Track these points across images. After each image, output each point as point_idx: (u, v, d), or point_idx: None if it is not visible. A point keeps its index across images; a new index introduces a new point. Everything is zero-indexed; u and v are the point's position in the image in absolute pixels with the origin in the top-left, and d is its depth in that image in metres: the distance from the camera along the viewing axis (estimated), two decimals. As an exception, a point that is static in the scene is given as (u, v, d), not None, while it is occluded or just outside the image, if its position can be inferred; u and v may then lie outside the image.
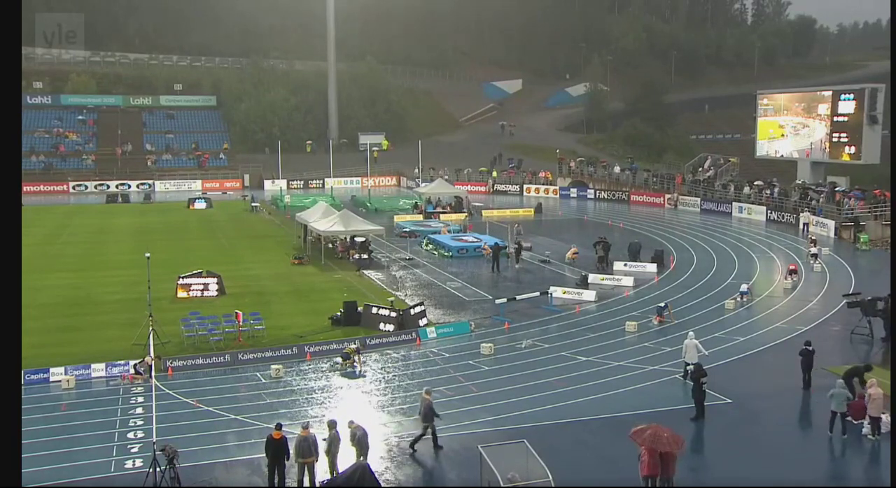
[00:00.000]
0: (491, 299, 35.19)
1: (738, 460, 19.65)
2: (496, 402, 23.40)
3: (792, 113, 65.51)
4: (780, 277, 39.74)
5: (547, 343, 29.23)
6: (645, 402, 23.22)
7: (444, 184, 66.54)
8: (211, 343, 28.54)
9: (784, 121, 66.41)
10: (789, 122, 65.88)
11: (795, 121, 65.17)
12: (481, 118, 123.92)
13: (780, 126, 67.19)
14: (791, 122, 65.78)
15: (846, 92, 60.67)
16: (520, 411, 22.62)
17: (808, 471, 19.35)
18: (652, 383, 25.06)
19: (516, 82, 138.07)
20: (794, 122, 65.40)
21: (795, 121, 65.17)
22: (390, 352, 28.43)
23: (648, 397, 23.75)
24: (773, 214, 58.19)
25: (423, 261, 44.77)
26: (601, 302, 35.46)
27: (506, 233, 47.76)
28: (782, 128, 66.90)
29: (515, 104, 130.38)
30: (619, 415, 22.11)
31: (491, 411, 22.73)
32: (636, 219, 61.45)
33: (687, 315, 32.91)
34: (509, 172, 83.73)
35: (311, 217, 47.25)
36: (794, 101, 65.69)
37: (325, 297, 35.56)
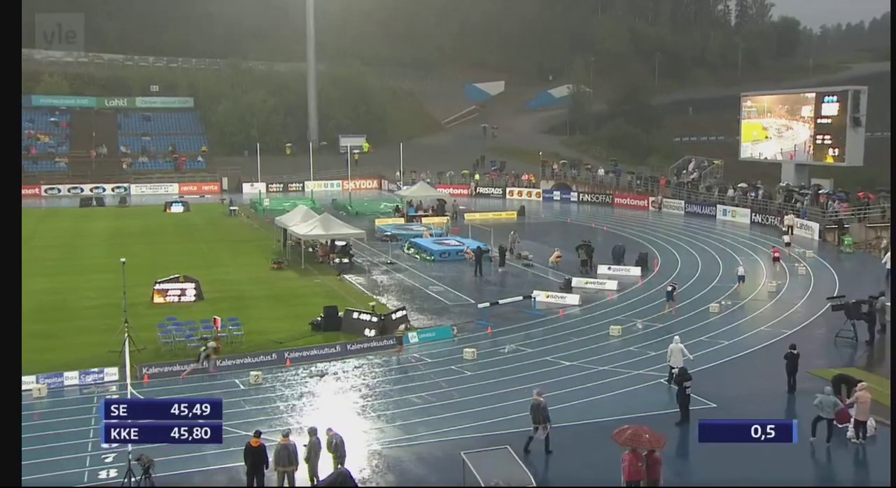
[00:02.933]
0: (473, 303, 35.20)
1: (722, 464, 19.72)
2: (479, 408, 23.39)
3: (776, 115, 65.89)
4: (764, 280, 40.00)
5: (530, 347, 29.27)
6: (629, 407, 23.28)
7: (425, 187, 66.50)
8: (188, 349, 28.38)
9: (768, 123, 66.80)
10: (773, 124, 66.26)
11: (779, 123, 65.53)
12: (463, 120, 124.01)
13: (763, 128, 67.57)
14: (775, 125, 66.16)
15: (829, 94, 61.01)
16: (503, 417, 22.62)
17: (793, 474, 19.45)
18: (636, 387, 25.14)
19: (499, 84, 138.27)
20: (777, 124, 65.79)
21: (779, 123, 65.53)
22: (371, 358, 28.38)
23: (633, 402, 23.81)
24: (758, 217, 58.57)
25: (405, 266, 44.72)
26: (585, 306, 35.54)
27: (488, 237, 47.80)
28: (766, 130, 67.30)
29: (498, 106, 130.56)
30: (604, 420, 22.14)
31: (474, 417, 22.72)
32: (620, 221, 61.65)
33: (671, 318, 33.06)
34: (492, 175, 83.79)
35: (290, 221, 47.10)
36: (777, 103, 66.10)
37: (305, 302, 35.44)
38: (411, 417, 22.88)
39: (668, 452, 19.08)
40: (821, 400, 21.15)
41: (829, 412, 20.98)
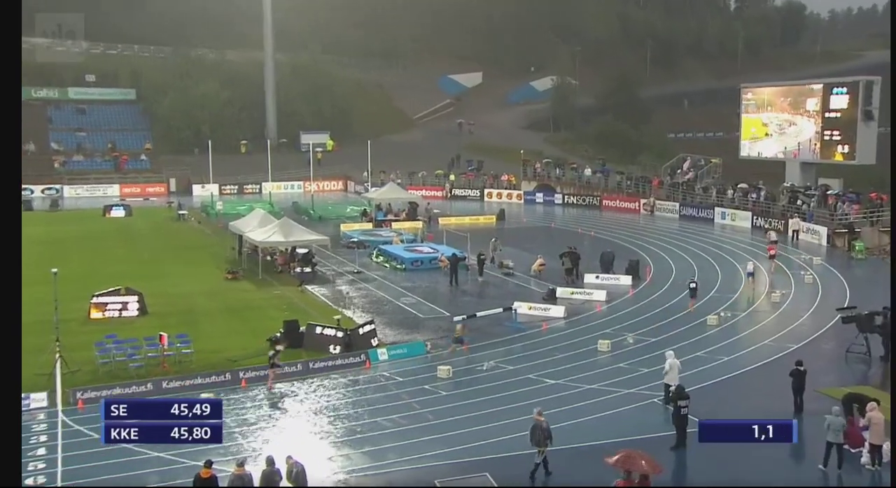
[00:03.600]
0: (449, 316, 35.19)
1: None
2: (455, 431, 23.36)
3: (777, 109, 66.33)
4: (766, 289, 40.30)
5: (511, 364, 29.28)
6: (620, 429, 23.33)
7: (396, 189, 66.42)
8: (130, 370, 28.09)
9: (768, 118, 67.23)
10: (774, 119, 66.71)
11: (781, 118, 65.99)
12: (437, 115, 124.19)
13: (763, 124, 67.98)
14: (776, 120, 66.60)
15: (839, 85, 61.35)
16: (481, 441, 22.60)
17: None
18: (628, 408, 25.20)
19: (476, 75, 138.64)
20: (779, 119, 66.23)
21: (781, 118, 65.99)
22: (336, 377, 28.27)
23: (624, 423, 23.87)
24: (760, 220, 58.98)
25: (374, 275, 44.66)
26: (571, 318, 35.63)
27: (465, 243, 47.82)
28: (766, 126, 67.71)
29: (475, 100, 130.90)
30: (592, 444, 22.18)
31: (449, 441, 22.68)
32: (608, 226, 61.92)
33: (665, 332, 33.21)
34: (468, 175, 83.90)
35: (246, 226, 46.87)
36: (778, 95, 66.62)
37: (262, 316, 35.28)
38: (381, 442, 22.79)
39: (665, 479, 19.14)
40: (829, 422, 21.00)
41: (839, 435, 20.90)
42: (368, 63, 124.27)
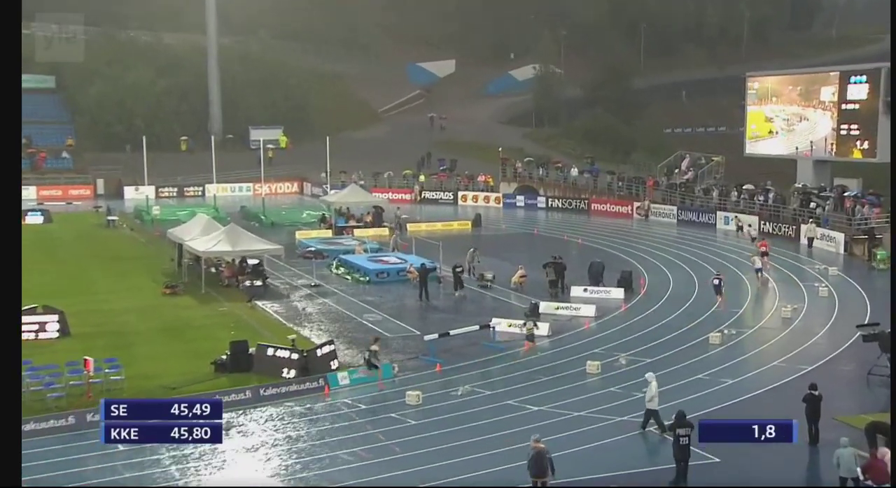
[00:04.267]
0: (419, 335, 35.15)
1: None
2: (426, 465, 23.28)
3: (784, 100, 66.47)
4: (776, 303, 40.48)
5: (489, 389, 29.22)
6: (612, 462, 23.30)
7: (358, 192, 66.43)
8: (48, 401, 27.71)
9: (772, 111, 67.30)
10: (780, 113, 66.85)
11: (789, 111, 66.20)
12: (405, 108, 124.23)
13: (766, 119, 67.96)
14: (782, 114, 66.76)
15: (857, 73, 61.36)
16: (455, 475, 22.52)
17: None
18: (620, 438, 25.19)
19: (448, 63, 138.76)
20: (786, 113, 66.41)
21: (789, 111, 66.20)
22: (291, 405, 28.09)
23: (616, 455, 23.85)
24: (768, 226, 59.41)
25: (333, 288, 44.58)
26: (556, 336, 35.64)
27: (436, 252, 47.75)
28: (770, 122, 67.62)
29: (447, 91, 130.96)
30: (580, 480, 22.13)
31: (419, 476, 22.57)
32: (598, 232, 62.12)
33: (662, 352, 33.25)
34: (440, 176, 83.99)
35: (187, 233, 46.60)
36: (787, 85, 66.89)
37: (206, 336, 35.12)
38: (341, 479, 22.62)
39: None
40: (839, 455, 20.82)
41: (853, 470, 20.57)
42: (327, 50, 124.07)
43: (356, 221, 63.36)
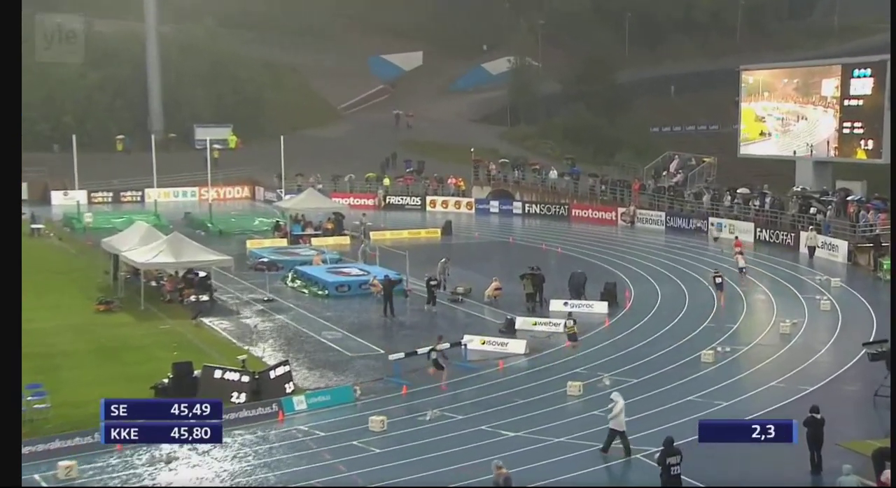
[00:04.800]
0: (383, 354, 35.09)
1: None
2: (390, 499, 23.20)
3: (778, 96, 66.70)
4: (773, 318, 40.70)
5: (460, 413, 29.20)
6: (596, 493, 23.32)
7: (316, 197, 66.33)
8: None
9: (764, 108, 67.35)
10: (774, 111, 67.01)
11: (784, 109, 66.36)
12: (368, 105, 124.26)
13: (756, 119, 68.06)
14: (776, 112, 66.97)
15: (861, 66, 61.76)
16: (423, 511, 22.47)
17: None
18: (604, 467, 25.22)
19: (415, 56, 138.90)
20: (781, 111, 66.59)
21: (784, 109, 66.36)
22: (241, 433, 27.94)
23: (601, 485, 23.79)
24: (765, 233, 59.76)
25: (289, 303, 44.51)
26: (533, 355, 35.69)
27: (402, 262, 47.70)
28: (761, 122, 67.69)
29: (414, 85, 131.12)
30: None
31: (383, 512, 22.52)
32: (579, 241, 62.33)
33: (649, 371, 33.33)
34: (406, 179, 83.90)
35: (124, 243, 46.29)
36: (781, 78, 67.02)
37: (145, 357, 34.88)
38: (296, 515, 22.52)
39: None
40: (841, 483, 20.96)
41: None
42: (281, 39, 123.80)
43: (314, 229, 63.19)
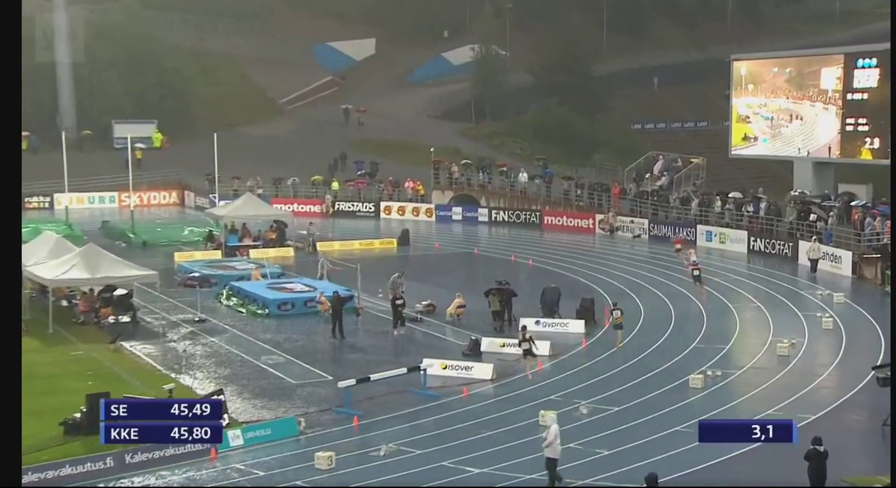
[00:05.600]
0: (331, 381, 34.96)
1: None
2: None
3: (765, 90, 66.75)
4: (769, 338, 40.80)
5: (418, 447, 29.16)
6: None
7: (255, 203, 65.99)
8: None
9: (747, 105, 67.38)
10: (759, 108, 67.11)
11: (774, 106, 66.44)
12: (313, 99, 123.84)
13: (740, 119, 67.97)
14: (763, 110, 67.13)
15: (866, 55, 62.03)
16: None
17: None
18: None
19: (366, 43, 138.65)
20: (770, 108, 66.69)
21: (774, 106, 66.44)
22: (167, 474, 27.75)
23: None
24: (759, 242, 60.03)
25: (223, 324, 44.32)
26: (501, 381, 35.62)
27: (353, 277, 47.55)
28: (746, 122, 67.61)
29: (366, 77, 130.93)
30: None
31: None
32: (553, 251, 62.51)
33: (632, 398, 33.34)
34: (358, 183, 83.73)
35: (30, 257, 45.44)
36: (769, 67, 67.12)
37: (54, 388, 34.52)
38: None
39: None
40: None
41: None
42: (213, 24, 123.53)
43: (252, 240, 62.88)
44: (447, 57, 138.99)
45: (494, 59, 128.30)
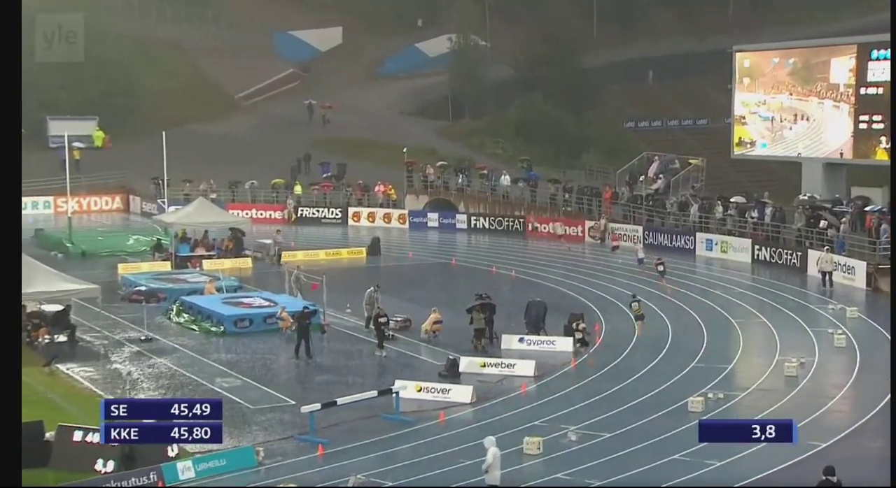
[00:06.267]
0: (294, 405, 34.89)
1: None
2: None
3: (764, 85, 66.66)
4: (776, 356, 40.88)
5: (390, 478, 29.09)
6: None
7: (209, 208, 65.90)
8: None
9: (744, 103, 67.33)
10: (757, 107, 67.09)
11: (775, 104, 66.33)
12: (273, 93, 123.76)
13: (735, 120, 67.95)
14: (763, 109, 67.12)
15: (880, 45, 61.65)
16: None
17: None
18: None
19: (332, 32, 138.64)
20: (770, 107, 66.67)
21: (775, 104, 66.33)
22: (110, 509, 27.60)
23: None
24: (765, 252, 60.21)
25: (173, 343, 44.13)
26: (481, 405, 35.57)
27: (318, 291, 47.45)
28: (741, 122, 67.54)
29: (332, 69, 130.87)
30: None
31: None
32: (538, 262, 62.64)
33: (626, 423, 33.32)
34: (323, 187, 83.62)
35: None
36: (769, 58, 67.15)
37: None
38: None
39: None
40: None
41: None
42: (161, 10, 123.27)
43: (206, 250, 62.71)
44: (421, 47, 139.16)
45: (474, 50, 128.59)
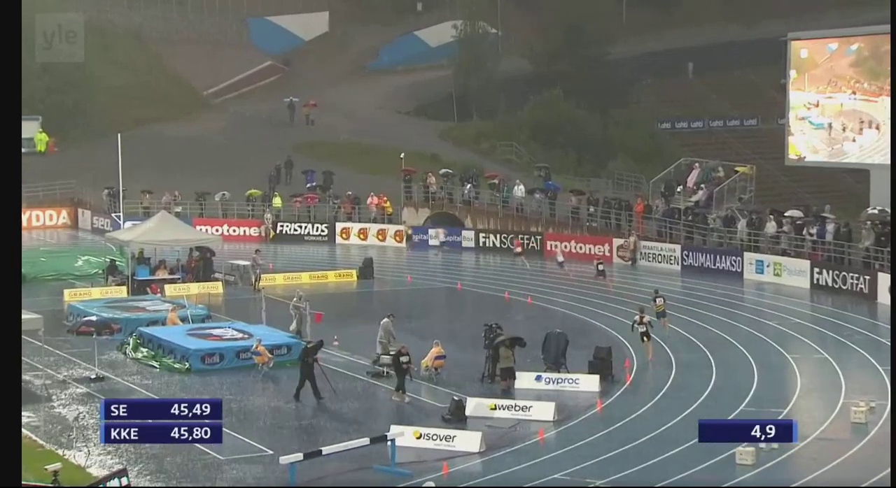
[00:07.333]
0: (272, 455, 34.83)
1: None
2: None
3: (819, 81, 66.62)
4: (840, 399, 40.71)
5: (384, 543, 29.01)
6: None
7: (172, 224, 65.91)
8: None
9: (792, 106, 67.33)
10: (808, 110, 67.08)
11: (833, 106, 66.21)
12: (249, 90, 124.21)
13: (793, 124, 68.03)
14: (816, 113, 66.97)
15: None
16: None
17: None
18: None
19: (318, 18, 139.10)
20: (827, 111, 66.58)
21: (833, 106, 66.21)
22: None
23: None
24: (826, 275, 60.16)
25: (129, 383, 44.23)
26: (492, 454, 35.44)
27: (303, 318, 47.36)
28: (788, 132, 67.56)
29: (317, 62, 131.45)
30: None
31: None
32: (558, 286, 62.75)
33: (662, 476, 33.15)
34: (307, 199, 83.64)
35: None
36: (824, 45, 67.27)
37: None
38: None
39: None
40: None
41: None
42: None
43: (168, 272, 62.70)
44: (421, 36, 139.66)
45: (482, 39, 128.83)
